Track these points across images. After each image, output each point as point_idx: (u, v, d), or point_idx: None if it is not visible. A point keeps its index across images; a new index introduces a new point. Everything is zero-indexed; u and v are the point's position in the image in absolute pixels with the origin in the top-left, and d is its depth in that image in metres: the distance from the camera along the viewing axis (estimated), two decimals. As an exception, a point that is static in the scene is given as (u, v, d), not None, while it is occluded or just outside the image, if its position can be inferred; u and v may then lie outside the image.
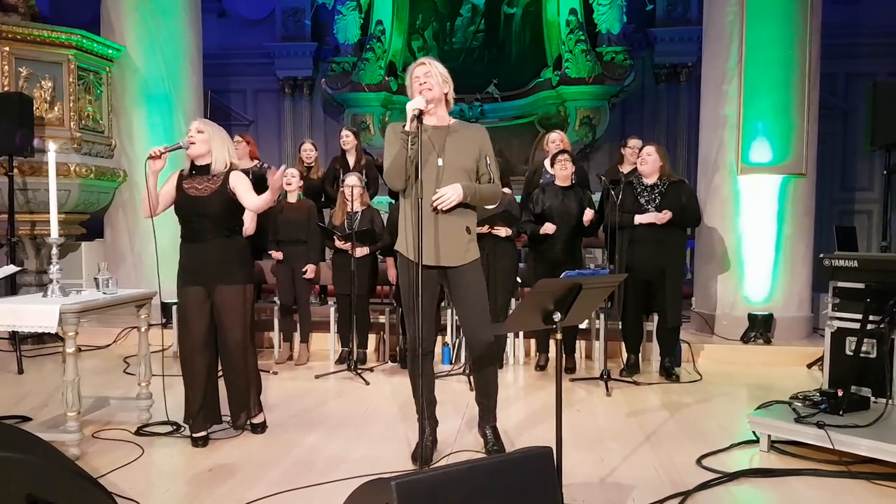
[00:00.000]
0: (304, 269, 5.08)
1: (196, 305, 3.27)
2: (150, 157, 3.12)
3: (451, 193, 2.83)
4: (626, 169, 5.62)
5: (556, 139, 5.42)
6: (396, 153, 2.88)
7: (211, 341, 3.32)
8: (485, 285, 3.05)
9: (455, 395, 4.19)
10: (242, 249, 3.36)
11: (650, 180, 4.70)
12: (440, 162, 2.88)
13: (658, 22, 9.52)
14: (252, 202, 3.26)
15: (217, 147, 3.26)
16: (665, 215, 4.53)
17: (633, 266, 4.59)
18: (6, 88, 5.61)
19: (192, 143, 3.23)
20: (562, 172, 4.85)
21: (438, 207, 2.83)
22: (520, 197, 5.37)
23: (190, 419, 3.32)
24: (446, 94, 2.98)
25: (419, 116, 2.75)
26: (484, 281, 3.05)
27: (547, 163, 5.34)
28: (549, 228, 4.73)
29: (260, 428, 3.48)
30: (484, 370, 3.08)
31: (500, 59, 9.96)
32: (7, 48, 5.65)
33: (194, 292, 3.27)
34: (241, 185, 3.26)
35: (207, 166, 3.26)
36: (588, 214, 4.71)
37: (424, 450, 2.99)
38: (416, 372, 2.93)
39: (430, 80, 2.90)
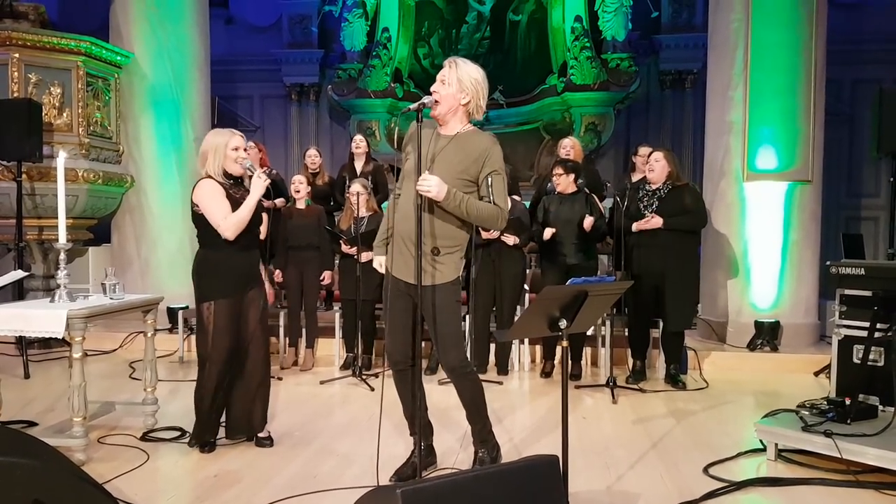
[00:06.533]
0: (321, 277, 5.14)
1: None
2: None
3: (434, 185, 2.51)
4: (637, 177, 5.57)
5: (567, 145, 5.35)
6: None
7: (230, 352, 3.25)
8: (456, 308, 2.77)
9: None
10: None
11: (655, 186, 4.69)
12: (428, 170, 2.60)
13: (663, 29, 9.51)
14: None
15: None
16: (655, 221, 4.51)
17: (639, 272, 4.58)
18: (16, 94, 5.65)
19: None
20: (557, 184, 4.85)
21: (419, 191, 2.51)
22: (528, 203, 5.37)
23: (202, 432, 3.26)
24: (466, 104, 2.67)
25: (419, 111, 2.52)
26: (455, 304, 2.76)
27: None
28: (547, 233, 4.72)
29: (268, 441, 3.36)
30: (461, 394, 2.88)
31: (505, 66, 9.96)
32: (17, 55, 5.70)
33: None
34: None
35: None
36: (587, 221, 4.64)
37: (417, 459, 2.93)
38: (399, 386, 2.94)
39: (440, 90, 2.65)
